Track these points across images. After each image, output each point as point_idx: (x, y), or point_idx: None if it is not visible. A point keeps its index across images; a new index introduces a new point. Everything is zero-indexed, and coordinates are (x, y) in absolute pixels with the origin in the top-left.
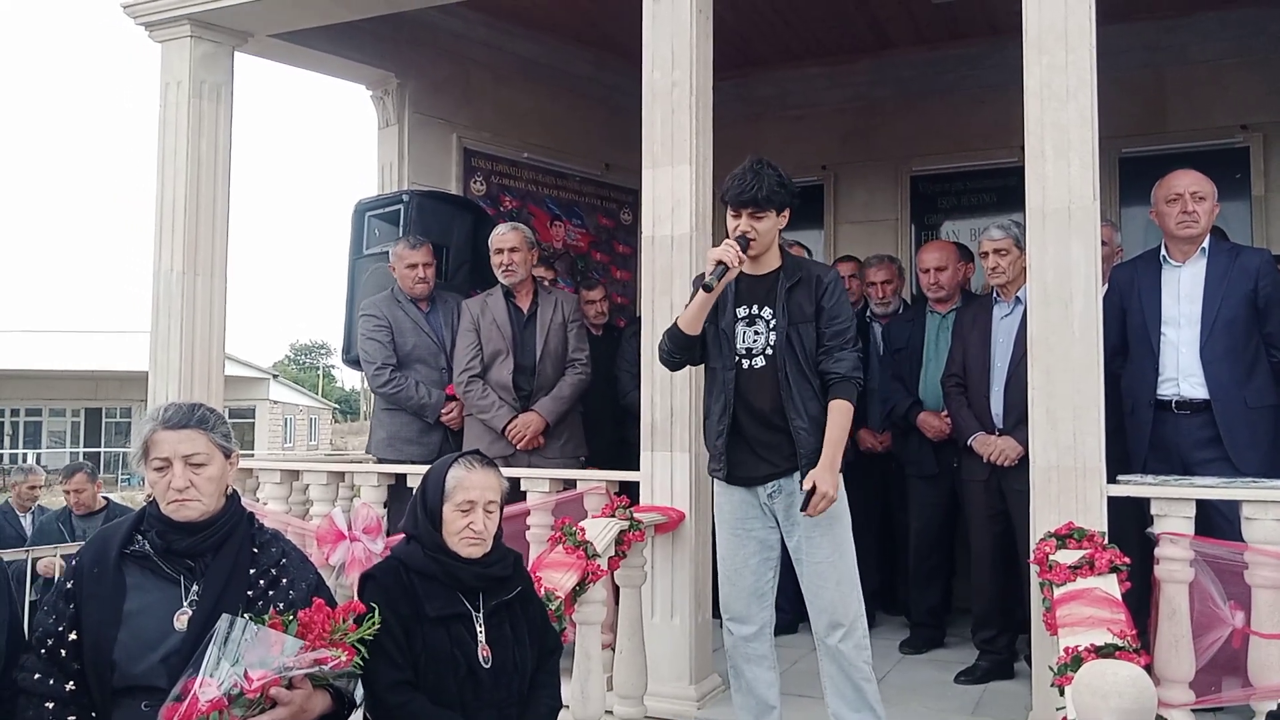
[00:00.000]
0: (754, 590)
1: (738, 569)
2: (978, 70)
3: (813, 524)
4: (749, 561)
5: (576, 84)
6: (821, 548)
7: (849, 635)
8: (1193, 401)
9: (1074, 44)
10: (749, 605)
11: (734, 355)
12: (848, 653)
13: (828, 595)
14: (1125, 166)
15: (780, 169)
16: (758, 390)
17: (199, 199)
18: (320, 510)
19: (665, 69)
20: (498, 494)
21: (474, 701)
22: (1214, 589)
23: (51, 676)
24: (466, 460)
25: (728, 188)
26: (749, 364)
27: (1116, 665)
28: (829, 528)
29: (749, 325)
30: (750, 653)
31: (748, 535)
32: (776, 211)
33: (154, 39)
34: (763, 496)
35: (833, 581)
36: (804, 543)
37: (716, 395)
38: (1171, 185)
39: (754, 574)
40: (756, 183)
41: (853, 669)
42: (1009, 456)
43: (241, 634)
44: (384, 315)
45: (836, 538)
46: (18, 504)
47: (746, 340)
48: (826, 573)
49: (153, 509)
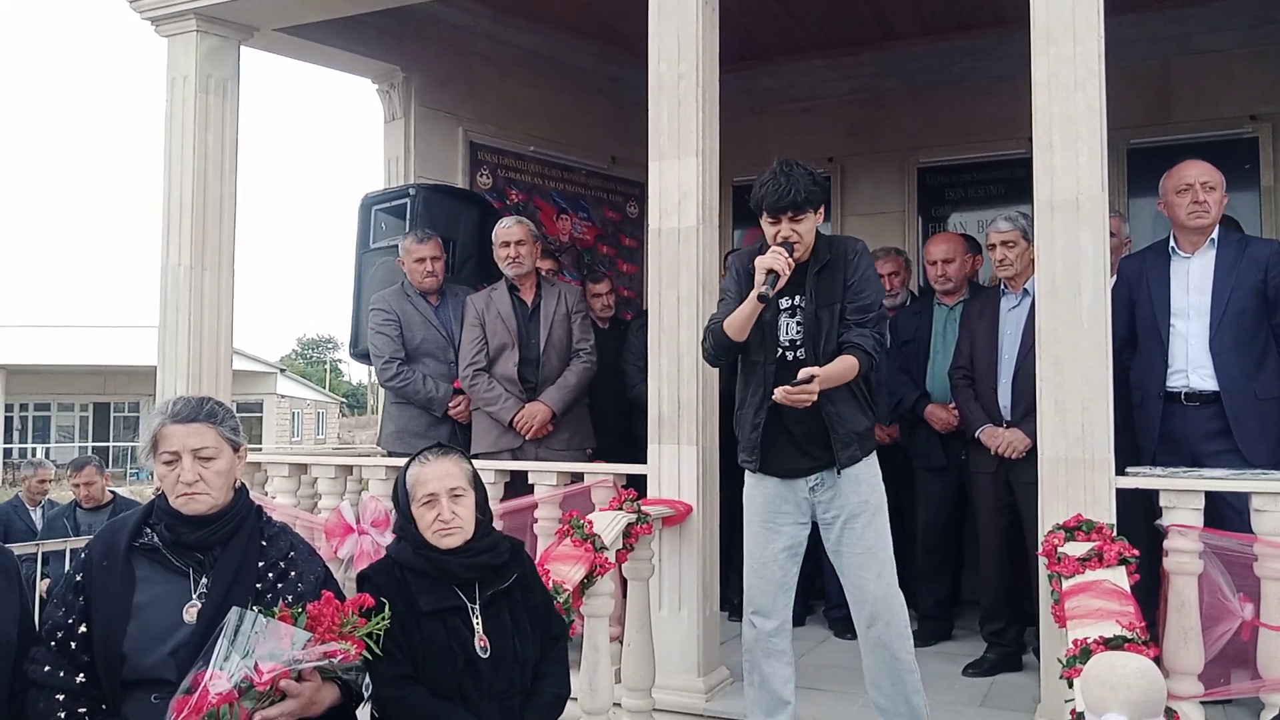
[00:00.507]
0: (780, 584)
1: (766, 562)
2: (984, 61)
3: (855, 515)
4: (777, 556)
5: (581, 77)
6: (864, 539)
7: (891, 626)
8: (1202, 393)
9: (1082, 34)
10: (774, 599)
11: (776, 348)
12: (890, 644)
13: (869, 587)
14: (1133, 157)
15: (808, 166)
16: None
17: (206, 194)
18: (328, 504)
19: (671, 61)
20: (460, 479)
21: (474, 692)
22: (1223, 581)
23: (61, 669)
24: (422, 455)
25: (761, 195)
26: (792, 356)
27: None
28: (871, 519)
29: (790, 316)
30: (771, 648)
31: (778, 529)
32: (814, 210)
33: (160, 33)
34: (803, 491)
35: (874, 573)
36: (845, 534)
37: (755, 388)
38: (1181, 176)
39: (781, 568)
40: (790, 186)
41: (895, 660)
42: (1017, 449)
43: (251, 627)
44: (392, 309)
45: (878, 529)
46: (28, 498)
47: (789, 333)
48: (868, 564)
49: (161, 502)
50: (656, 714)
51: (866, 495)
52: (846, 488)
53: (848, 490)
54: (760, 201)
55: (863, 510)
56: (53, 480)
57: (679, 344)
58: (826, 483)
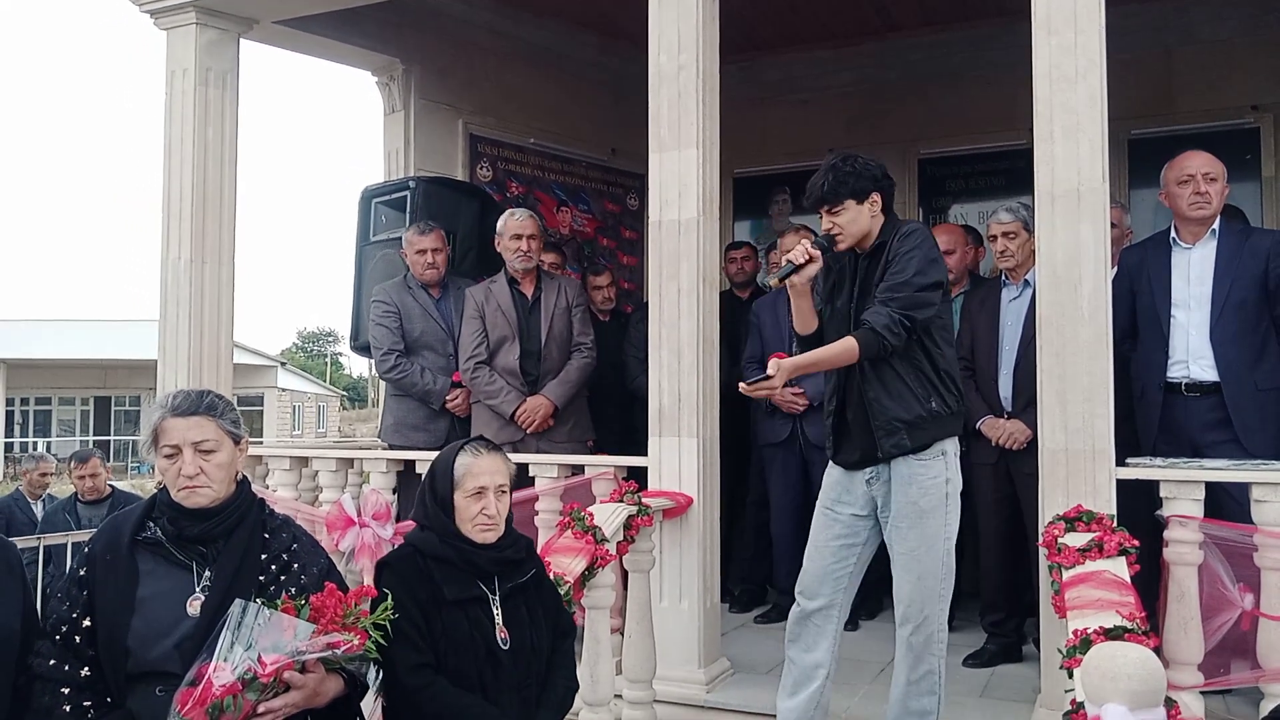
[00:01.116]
0: (829, 571)
1: (819, 547)
2: (985, 52)
3: (900, 515)
4: (830, 543)
5: (581, 69)
6: (907, 539)
7: (919, 630)
8: (1202, 384)
9: (1083, 25)
10: (821, 584)
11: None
12: (915, 646)
13: (906, 588)
14: (1134, 148)
15: (856, 158)
16: (859, 374)
17: (206, 187)
18: (329, 497)
19: (671, 53)
20: (506, 477)
21: (494, 683)
22: (1223, 571)
23: (66, 663)
24: (473, 446)
25: (810, 194)
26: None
27: (1125, 647)
28: (917, 520)
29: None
30: (811, 626)
31: (836, 517)
32: (856, 200)
33: (159, 26)
34: (861, 484)
35: (914, 575)
36: (893, 532)
37: (829, 376)
38: (1183, 166)
39: (833, 555)
40: (821, 180)
41: (917, 661)
42: (1018, 440)
43: (254, 619)
44: (393, 301)
45: (925, 532)
46: (29, 491)
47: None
48: (909, 565)
49: (163, 496)
50: (657, 705)
51: (916, 497)
52: (896, 486)
53: (898, 488)
54: (807, 202)
55: (909, 512)
56: (54, 474)
57: (679, 336)
58: (881, 476)
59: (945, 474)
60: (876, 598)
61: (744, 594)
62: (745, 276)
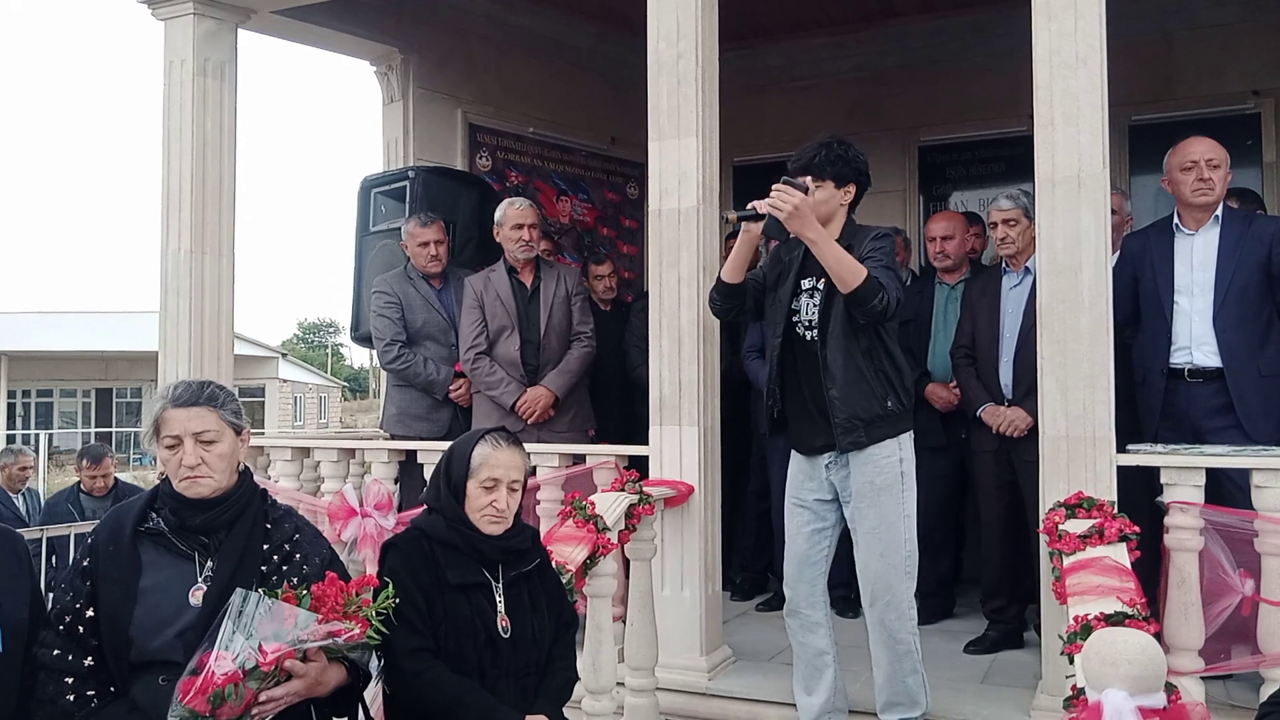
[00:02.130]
0: (805, 558)
1: (792, 537)
2: (985, 38)
3: (859, 495)
4: (801, 529)
5: (580, 57)
6: (867, 518)
7: (890, 606)
8: (1205, 370)
9: (1083, 10)
10: (800, 572)
11: (793, 328)
12: (888, 623)
13: (872, 566)
14: (1135, 134)
15: (850, 145)
16: (812, 362)
17: (205, 178)
18: (331, 487)
19: (670, 40)
20: (522, 473)
21: (492, 670)
22: (1224, 557)
23: (70, 652)
24: (494, 438)
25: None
26: (811, 336)
27: (1126, 633)
28: (875, 499)
29: (810, 297)
30: (805, 620)
31: (801, 504)
32: (835, 183)
33: (157, 16)
34: (821, 469)
35: (877, 553)
36: (855, 514)
37: (772, 366)
38: (1186, 152)
39: (806, 542)
40: (814, 152)
41: (893, 640)
42: (1018, 427)
43: (255, 608)
44: (394, 292)
45: (883, 509)
46: (8, 485)
47: (807, 312)
48: (871, 544)
49: (166, 487)
50: (659, 693)
51: (872, 476)
52: (855, 468)
53: (855, 470)
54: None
55: (867, 490)
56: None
57: (680, 325)
58: (839, 462)
59: (899, 453)
60: None
61: (745, 582)
62: None
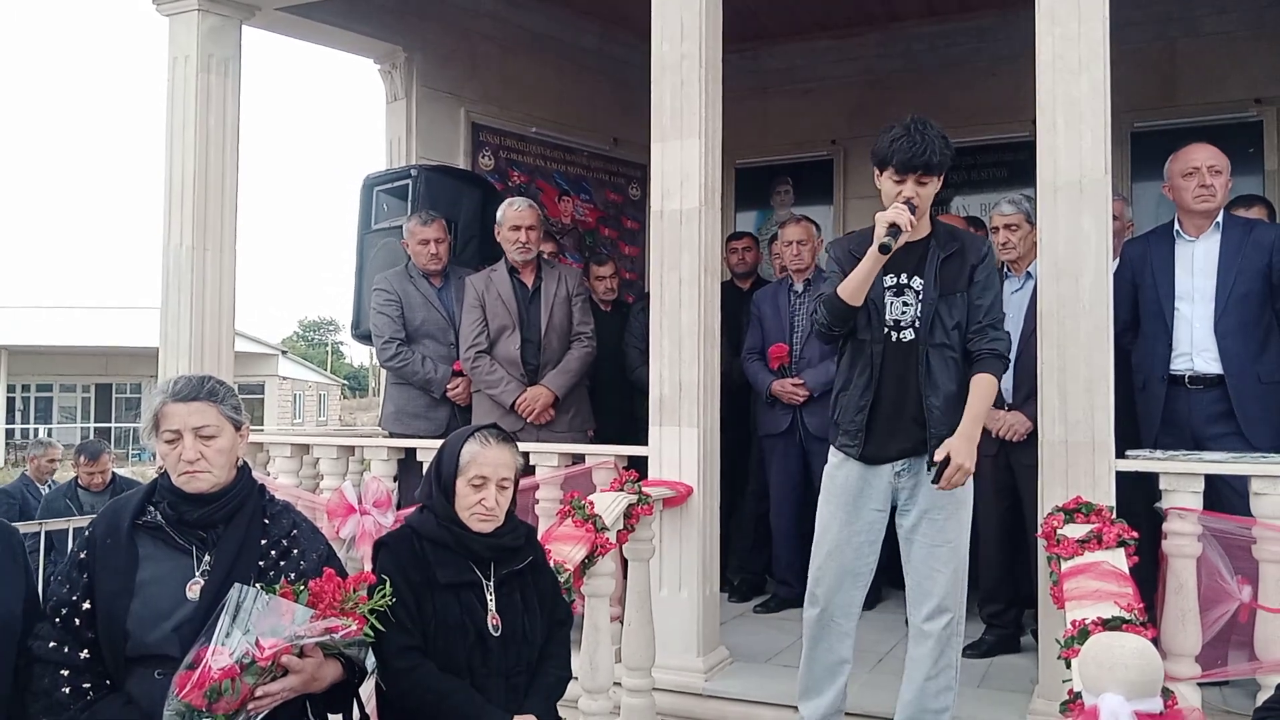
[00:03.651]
0: (852, 570)
1: (840, 547)
2: (988, 43)
3: (937, 506)
4: (852, 540)
5: (584, 57)
6: (944, 531)
7: (956, 623)
8: (1206, 376)
9: (1087, 15)
10: (841, 582)
11: (883, 327)
12: (951, 640)
13: (941, 580)
14: (1137, 140)
15: (939, 128)
16: (904, 364)
17: (208, 174)
18: (330, 484)
19: (674, 41)
20: (512, 470)
21: (482, 669)
22: (1221, 563)
23: (66, 645)
24: (482, 435)
25: (889, 150)
26: (897, 336)
27: (1123, 638)
28: (955, 511)
29: (897, 295)
30: (834, 628)
31: (858, 516)
32: (939, 176)
33: (161, 12)
34: (887, 476)
35: (950, 567)
36: (924, 523)
37: (861, 369)
38: (1189, 159)
39: (855, 554)
40: (926, 146)
41: (942, 656)
42: (1017, 431)
43: (253, 603)
44: (394, 290)
45: (961, 522)
46: (36, 476)
47: (894, 312)
48: (945, 557)
49: (164, 480)
50: (656, 693)
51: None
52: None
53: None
54: (889, 157)
55: (947, 503)
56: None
57: (680, 326)
58: (913, 469)
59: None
60: (877, 587)
61: (743, 583)
62: (746, 267)
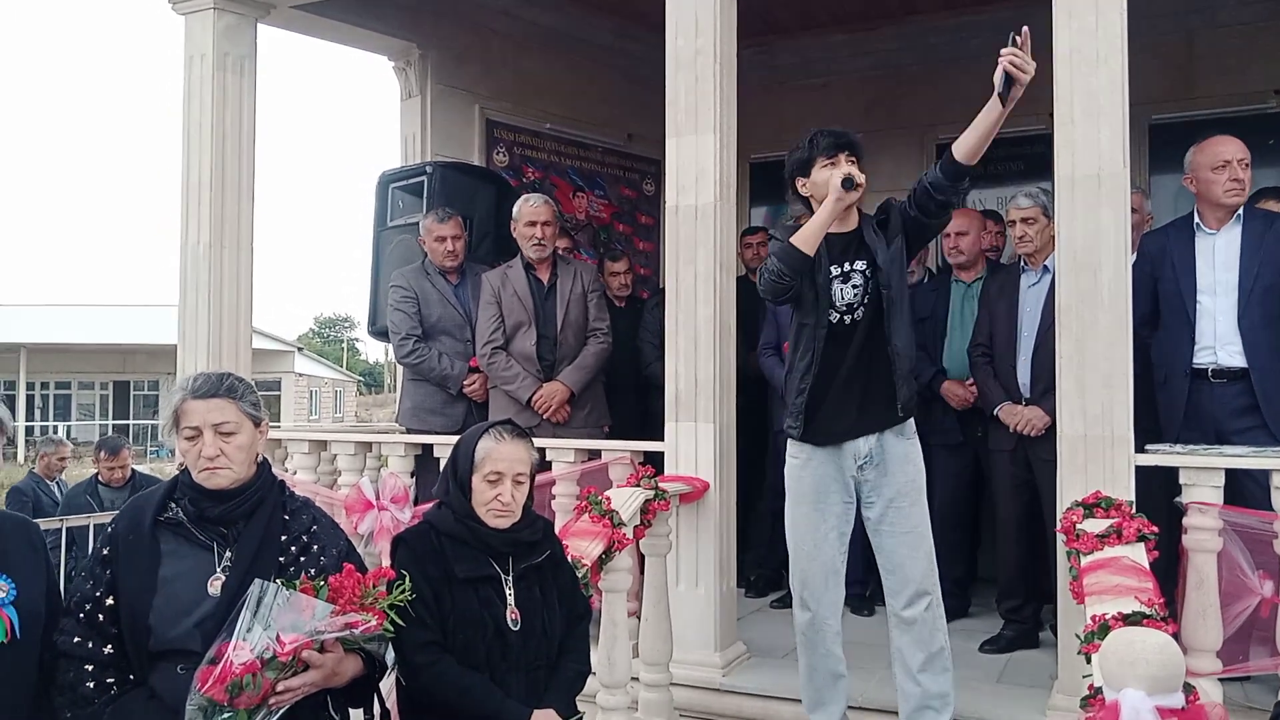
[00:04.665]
0: (831, 567)
1: (817, 545)
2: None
3: (901, 494)
4: (827, 536)
5: (598, 53)
6: (910, 517)
7: (934, 606)
8: (1230, 370)
9: (1104, 8)
10: (826, 581)
11: (831, 311)
12: (932, 623)
13: (918, 565)
14: (1155, 133)
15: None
16: (860, 343)
17: (224, 172)
18: (348, 480)
19: (689, 36)
20: (527, 465)
21: (502, 663)
22: (1243, 558)
23: (90, 640)
24: (497, 431)
25: (809, 148)
26: (850, 319)
27: (1144, 633)
28: (917, 497)
29: (844, 281)
30: (826, 630)
31: (827, 510)
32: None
33: (177, 11)
34: (850, 469)
35: (922, 551)
36: (890, 512)
37: (804, 351)
38: (1217, 152)
39: (832, 549)
40: (847, 131)
41: (932, 637)
42: (1036, 426)
43: (273, 599)
44: (411, 286)
45: (923, 509)
46: (45, 473)
47: (846, 296)
48: (916, 543)
49: (185, 477)
50: (674, 688)
51: (913, 475)
52: (894, 466)
53: (895, 469)
54: (811, 153)
55: (909, 489)
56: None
57: (696, 322)
58: (874, 460)
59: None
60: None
61: (760, 579)
62: (760, 262)
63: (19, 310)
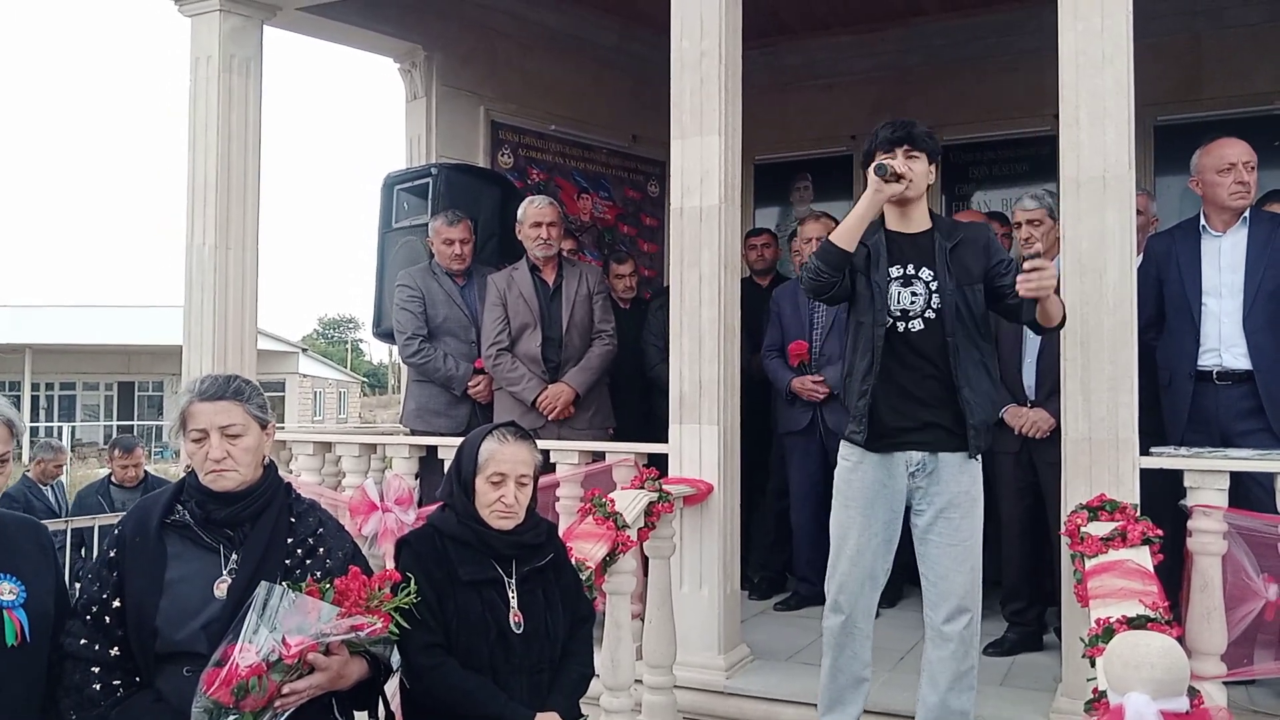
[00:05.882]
0: (871, 574)
1: (860, 550)
2: (1010, 37)
3: (953, 505)
4: (870, 542)
5: (603, 54)
6: (961, 529)
7: (975, 624)
8: (1235, 372)
9: (1110, 9)
10: (862, 586)
11: (887, 316)
12: (970, 640)
13: (961, 580)
14: (1161, 134)
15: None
16: (918, 355)
17: (230, 173)
18: (353, 482)
19: (694, 38)
20: (530, 467)
21: (505, 666)
22: (1247, 562)
23: (97, 642)
24: (500, 433)
25: (874, 139)
26: (905, 326)
27: (1148, 636)
28: (970, 510)
29: (904, 285)
30: (857, 633)
31: (875, 516)
32: (929, 159)
33: (183, 13)
34: (902, 478)
35: (968, 566)
36: (939, 522)
37: (863, 353)
38: (1223, 155)
39: (874, 556)
40: (907, 123)
41: (966, 657)
42: (1040, 428)
43: (279, 601)
44: (417, 286)
45: (975, 522)
46: (40, 478)
47: (903, 301)
48: (962, 556)
49: (192, 479)
50: (677, 691)
51: (968, 486)
52: (948, 475)
53: (948, 479)
54: (874, 144)
55: (962, 501)
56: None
57: (700, 323)
58: (927, 468)
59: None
60: (897, 586)
61: (763, 581)
62: (765, 264)
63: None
